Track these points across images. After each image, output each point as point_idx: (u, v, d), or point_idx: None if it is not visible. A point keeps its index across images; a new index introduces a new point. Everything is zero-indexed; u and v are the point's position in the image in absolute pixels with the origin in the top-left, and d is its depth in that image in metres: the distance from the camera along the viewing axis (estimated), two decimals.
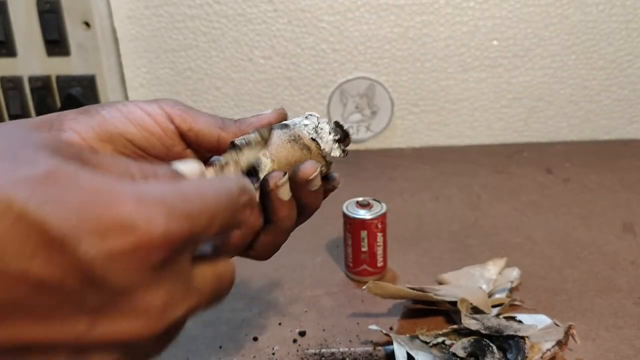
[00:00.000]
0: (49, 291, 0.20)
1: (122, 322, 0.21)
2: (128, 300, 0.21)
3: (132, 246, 0.20)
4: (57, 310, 0.20)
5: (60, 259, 0.19)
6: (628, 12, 0.98)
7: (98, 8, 0.94)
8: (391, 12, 0.98)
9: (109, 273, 0.20)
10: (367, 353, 0.53)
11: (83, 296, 0.20)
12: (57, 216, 0.19)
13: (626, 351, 0.52)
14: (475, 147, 1.06)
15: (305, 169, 0.37)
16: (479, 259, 0.67)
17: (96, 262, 0.20)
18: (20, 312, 0.20)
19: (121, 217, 0.20)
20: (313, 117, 0.40)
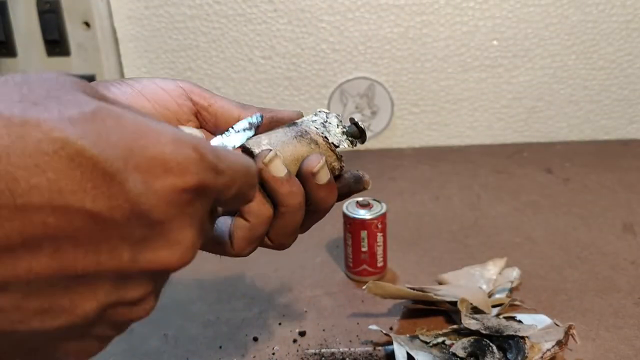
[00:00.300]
0: (100, 223, 0.21)
1: (159, 253, 0.23)
2: (165, 234, 0.23)
3: (171, 185, 0.23)
4: (106, 241, 0.22)
5: (112, 193, 0.21)
6: (628, 12, 0.98)
7: (98, 8, 0.94)
8: (391, 12, 0.98)
9: (152, 208, 0.22)
10: (367, 353, 0.53)
11: (129, 228, 0.22)
12: (107, 153, 0.21)
13: (626, 351, 0.52)
14: (475, 147, 1.06)
15: (310, 161, 0.36)
16: (479, 259, 0.67)
17: (142, 197, 0.22)
18: (74, 243, 0.21)
19: (162, 157, 0.22)
20: (322, 113, 0.40)
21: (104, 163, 0.21)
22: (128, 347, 0.56)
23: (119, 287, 0.23)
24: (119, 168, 0.21)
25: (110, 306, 0.24)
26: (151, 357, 0.54)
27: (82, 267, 0.22)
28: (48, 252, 0.21)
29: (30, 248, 0.20)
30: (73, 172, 0.20)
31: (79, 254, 0.21)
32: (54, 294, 0.22)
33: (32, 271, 0.21)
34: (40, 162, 0.20)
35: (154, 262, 0.23)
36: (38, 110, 0.20)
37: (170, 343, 0.56)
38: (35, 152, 0.20)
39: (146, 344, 0.56)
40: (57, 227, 0.20)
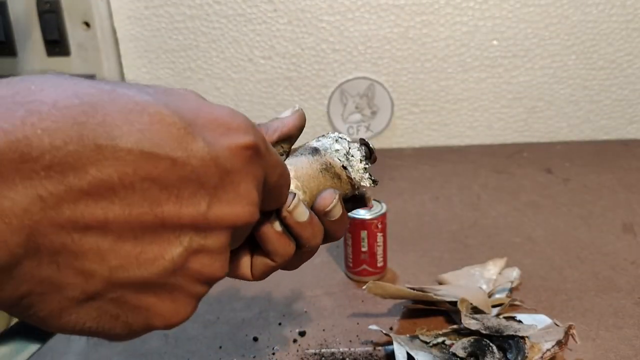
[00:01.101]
0: (180, 168, 0.24)
1: (234, 206, 0.27)
2: (234, 186, 0.27)
3: (234, 141, 0.27)
4: (185, 186, 0.25)
5: (188, 143, 0.25)
6: (628, 12, 0.98)
7: (98, 8, 0.94)
8: (391, 12, 0.98)
9: (221, 157, 0.26)
10: (367, 353, 0.53)
11: (204, 175, 0.25)
12: (180, 114, 0.25)
13: (626, 351, 0.52)
14: (475, 147, 1.06)
15: (324, 200, 0.36)
16: (479, 259, 0.67)
17: (212, 148, 0.25)
18: (160, 186, 0.24)
19: (224, 119, 0.27)
20: (344, 142, 0.38)
21: (179, 121, 0.25)
22: (128, 347, 0.56)
23: (200, 235, 0.26)
24: (191, 125, 0.25)
25: (194, 253, 0.26)
26: (151, 357, 0.54)
27: (167, 214, 0.24)
28: (139, 193, 0.23)
29: (124, 188, 0.23)
30: (154, 126, 0.24)
31: (164, 198, 0.24)
32: (143, 239, 0.24)
33: (127, 213, 0.23)
34: (130, 117, 0.23)
35: (230, 214, 0.27)
36: (123, 88, 0.25)
37: (171, 343, 0.56)
38: (125, 110, 0.24)
39: (146, 344, 0.56)
40: (147, 170, 0.23)
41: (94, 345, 0.56)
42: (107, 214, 0.23)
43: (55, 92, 0.23)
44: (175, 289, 0.26)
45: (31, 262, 0.22)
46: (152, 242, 0.24)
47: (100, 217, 0.23)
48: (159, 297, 0.26)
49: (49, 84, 0.23)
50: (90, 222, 0.23)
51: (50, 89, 0.23)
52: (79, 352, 0.55)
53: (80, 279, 0.23)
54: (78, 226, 0.22)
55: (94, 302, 0.25)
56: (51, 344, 0.56)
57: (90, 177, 0.22)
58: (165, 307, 0.27)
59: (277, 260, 0.36)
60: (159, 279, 0.25)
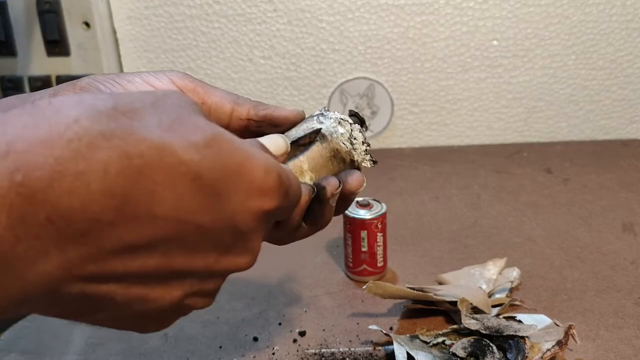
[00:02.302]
0: (202, 232, 0.26)
1: (238, 258, 0.29)
2: (245, 243, 0.29)
3: (260, 206, 0.28)
4: (202, 246, 0.26)
5: (218, 208, 0.26)
6: (628, 12, 0.98)
7: (98, 8, 0.94)
8: (391, 12, 0.98)
9: (244, 223, 0.27)
10: (367, 353, 0.53)
11: (221, 237, 0.27)
12: (220, 176, 0.26)
13: (626, 351, 0.52)
14: (475, 147, 1.06)
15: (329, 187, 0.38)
16: (479, 259, 0.67)
17: (238, 214, 0.27)
18: (179, 246, 0.26)
19: (258, 183, 0.28)
20: (346, 124, 0.40)
21: (217, 184, 0.26)
22: (128, 347, 0.56)
23: (201, 282, 0.28)
24: (227, 188, 0.26)
25: (190, 295, 0.29)
26: (151, 357, 0.54)
27: (179, 266, 0.26)
28: (161, 252, 0.25)
29: (150, 248, 0.25)
30: (194, 192, 0.25)
31: (180, 256, 0.26)
32: (150, 284, 0.26)
33: (145, 266, 0.25)
34: (173, 182, 0.24)
35: (232, 265, 0.29)
36: (171, 137, 0.25)
37: (170, 343, 0.56)
38: (170, 174, 0.24)
39: (146, 344, 0.56)
40: (174, 233, 0.25)
41: (92, 345, 0.56)
42: (127, 267, 0.25)
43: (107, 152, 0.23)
44: (164, 317, 0.30)
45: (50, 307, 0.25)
46: (157, 287, 0.27)
47: (121, 271, 0.25)
48: (149, 320, 0.29)
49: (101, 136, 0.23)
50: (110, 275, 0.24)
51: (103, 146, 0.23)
52: (78, 352, 0.55)
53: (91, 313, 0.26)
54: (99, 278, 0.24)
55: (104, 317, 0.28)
56: (50, 344, 0.56)
57: (121, 243, 0.24)
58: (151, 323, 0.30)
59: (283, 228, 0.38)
60: (154, 313, 0.28)
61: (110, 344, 0.56)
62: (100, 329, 0.57)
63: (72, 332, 0.58)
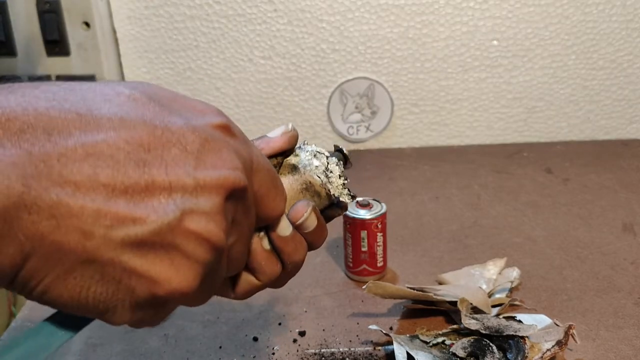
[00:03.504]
0: (168, 138, 0.26)
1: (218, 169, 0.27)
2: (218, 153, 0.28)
3: (210, 120, 0.29)
4: (171, 153, 0.26)
5: (168, 116, 0.27)
6: (628, 12, 0.98)
7: (98, 8, 0.94)
8: (391, 12, 0.98)
9: (205, 131, 0.28)
10: (367, 353, 0.53)
11: (187, 143, 0.27)
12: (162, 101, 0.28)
13: (626, 351, 0.52)
14: (475, 147, 1.06)
15: (296, 213, 0.35)
16: (479, 259, 0.67)
17: (196, 125, 0.28)
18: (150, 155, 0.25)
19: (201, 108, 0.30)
20: (322, 157, 0.39)
21: (155, 103, 0.27)
22: (128, 347, 0.56)
23: (192, 195, 0.26)
24: (166, 106, 0.28)
25: (188, 212, 0.26)
26: (151, 357, 0.54)
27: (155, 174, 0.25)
28: (124, 154, 0.25)
29: (109, 148, 0.25)
30: (131, 103, 0.27)
31: (149, 159, 0.25)
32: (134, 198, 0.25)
33: (115, 171, 0.25)
34: (107, 98, 0.26)
35: (214, 175, 0.27)
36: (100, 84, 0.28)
37: (171, 343, 0.56)
38: (102, 93, 0.26)
39: (146, 344, 0.56)
40: (127, 133, 0.25)
41: (92, 345, 0.56)
42: (98, 172, 0.24)
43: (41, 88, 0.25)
44: (172, 249, 0.26)
45: (31, 217, 0.23)
46: (143, 201, 0.25)
47: (91, 175, 0.24)
48: (158, 258, 0.26)
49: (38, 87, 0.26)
50: (81, 180, 0.24)
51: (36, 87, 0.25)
52: (78, 352, 0.55)
53: (80, 237, 0.24)
54: (70, 182, 0.24)
55: (95, 265, 0.25)
56: None
57: (75, 138, 0.24)
58: (165, 270, 0.26)
59: (263, 279, 0.35)
60: (154, 237, 0.25)
61: (110, 344, 0.56)
62: (101, 328, 0.57)
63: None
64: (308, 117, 1.05)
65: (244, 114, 1.05)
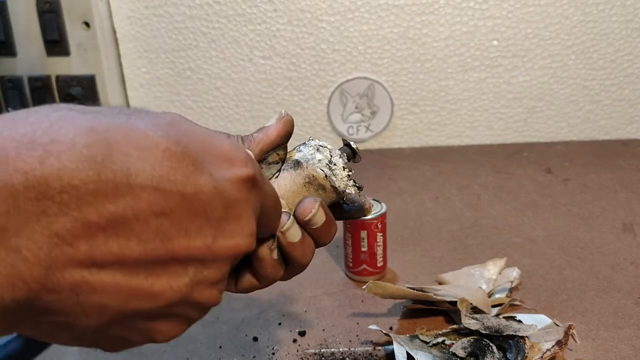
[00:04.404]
0: (189, 203, 0.26)
1: (235, 237, 0.28)
2: (239, 219, 0.28)
3: (237, 174, 0.28)
4: (193, 220, 0.26)
5: (196, 178, 0.26)
6: (628, 12, 0.98)
7: (98, 8, 0.94)
8: (391, 12, 0.98)
9: (228, 191, 0.27)
10: (367, 353, 0.53)
11: (211, 210, 0.27)
12: (188, 149, 0.26)
13: (626, 351, 0.52)
14: (475, 147, 1.06)
15: (302, 209, 0.36)
16: (479, 259, 0.67)
17: (219, 182, 0.27)
18: (171, 221, 0.25)
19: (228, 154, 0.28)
20: (325, 150, 0.38)
21: (188, 157, 0.26)
22: None
23: (204, 266, 0.28)
24: (198, 160, 0.26)
25: (197, 284, 0.28)
26: (151, 357, 0.54)
27: (178, 247, 0.26)
28: (152, 228, 0.25)
29: (139, 223, 0.24)
30: (165, 163, 0.25)
31: (174, 232, 0.25)
32: (154, 272, 0.26)
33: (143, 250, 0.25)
34: (143, 155, 0.25)
35: (231, 245, 0.28)
36: (134, 120, 0.26)
37: (170, 343, 0.56)
38: (139, 147, 0.25)
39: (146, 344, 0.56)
40: (159, 206, 0.25)
41: None
42: (123, 249, 0.24)
43: (73, 129, 0.24)
44: (175, 315, 0.29)
45: (51, 296, 0.23)
46: (161, 275, 0.26)
47: (117, 253, 0.24)
48: (161, 322, 0.29)
49: (65, 120, 0.24)
50: (107, 258, 0.24)
51: (68, 125, 0.24)
52: (79, 352, 0.55)
53: (97, 311, 0.25)
54: (96, 261, 0.24)
55: (103, 331, 0.27)
56: (50, 343, 0.56)
57: (107, 213, 0.23)
58: (164, 329, 0.29)
59: (265, 283, 0.37)
60: (164, 309, 0.27)
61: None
62: None
63: None
64: (308, 117, 1.05)
65: (244, 114, 1.06)
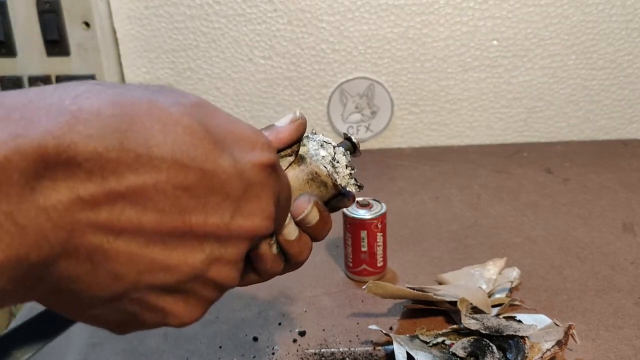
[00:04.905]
0: (208, 179, 0.26)
1: (253, 217, 0.28)
2: (254, 198, 0.28)
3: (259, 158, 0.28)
4: (212, 196, 0.26)
5: (217, 156, 0.26)
6: (628, 12, 0.98)
7: (98, 8, 0.94)
8: (391, 12, 0.98)
9: (248, 173, 0.28)
10: (367, 353, 0.53)
11: (230, 189, 0.27)
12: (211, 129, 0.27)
13: (626, 351, 0.52)
14: (475, 147, 1.06)
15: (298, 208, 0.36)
16: (479, 259, 0.67)
17: (239, 163, 0.27)
18: (189, 195, 0.25)
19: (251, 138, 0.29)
20: (329, 147, 0.38)
21: (209, 136, 0.26)
22: (128, 346, 0.56)
23: (221, 244, 0.28)
24: (220, 140, 0.27)
25: (213, 261, 0.28)
26: (151, 357, 0.54)
27: (195, 222, 0.26)
28: (171, 200, 0.25)
29: (158, 194, 0.25)
30: (187, 138, 0.25)
31: (192, 206, 0.26)
32: (170, 245, 0.26)
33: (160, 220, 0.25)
34: (166, 129, 0.25)
35: (249, 225, 0.28)
36: (158, 97, 0.26)
37: (170, 342, 0.56)
38: (161, 121, 0.25)
39: (146, 343, 0.56)
40: (177, 177, 0.25)
41: (93, 345, 0.56)
42: (141, 218, 0.24)
43: (99, 101, 0.24)
44: (191, 293, 0.28)
45: (68, 261, 0.24)
46: (177, 248, 0.26)
47: (135, 221, 0.24)
48: (175, 300, 0.28)
49: (91, 92, 0.25)
50: (125, 226, 0.24)
51: (94, 97, 0.24)
52: (79, 352, 0.55)
53: (110, 280, 0.25)
54: (114, 228, 0.24)
55: (118, 302, 0.26)
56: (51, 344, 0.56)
57: (128, 182, 0.24)
58: (179, 308, 0.28)
59: (265, 277, 0.36)
60: (179, 284, 0.27)
61: (110, 343, 0.56)
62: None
63: (73, 332, 0.58)
64: (308, 117, 1.05)
65: (244, 114, 1.06)
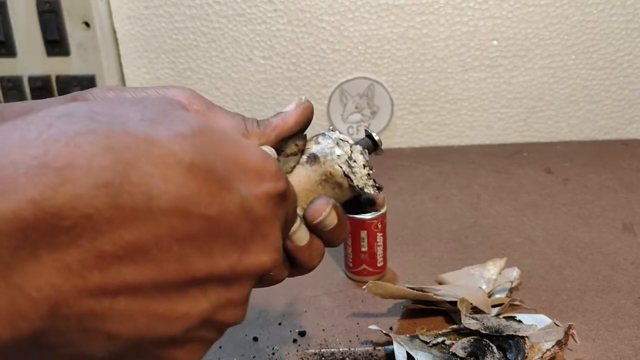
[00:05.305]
0: (214, 225, 0.24)
1: (261, 255, 0.26)
2: (266, 237, 0.26)
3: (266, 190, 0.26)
4: (218, 242, 0.24)
5: (222, 198, 0.24)
6: (628, 12, 0.98)
7: (98, 8, 0.94)
8: (391, 12, 0.98)
9: (256, 210, 0.25)
10: (367, 353, 0.53)
11: (236, 229, 0.25)
12: (215, 165, 0.24)
13: (626, 351, 0.52)
14: (475, 147, 1.06)
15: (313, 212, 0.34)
16: (479, 259, 0.67)
17: (246, 201, 0.25)
18: (193, 245, 0.23)
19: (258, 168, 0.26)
20: (345, 145, 0.36)
21: (215, 172, 0.24)
22: None
23: (227, 288, 0.26)
24: (225, 177, 0.24)
25: (219, 307, 0.26)
26: None
27: (199, 270, 0.24)
28: (174, 254, 0.23)
29: (159, 250, 0.22)
30: (190, 182, 0.23)
31: (198, 258, 0.23)
32: (171, 297, 0.23)
33: (161, 274, 0.22)
34: (166, 173, 0.22)
35: (256, 263, 0.26)
36: (157, 128, 0.23)
37: None
38: (162, 164, 0.22)
39: None
40: (182, 230, 0.23)
41: None
42: (139, 277, 0.22)
43: (90, 149, 0.21)
44: (194, 339, 0.26)
45: (56, 331, 0.21)
46: (180, 299, 0.24)
47: (132, 281, 0.22)
48: (177, 347, 0.26)
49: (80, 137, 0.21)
50: (121, 286, 0.22)
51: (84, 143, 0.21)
52: None
53: (106, 341, 0.23)
54: (108, 291, 0.22)
55: (115, 357, 0.24)
56: None
57: (123, 241, 0.21)
58: (182, 355, 0.26)
59: (268, 284, 0.35)
60: (182, 334, 0.25)
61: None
62: None
63: None
64: None
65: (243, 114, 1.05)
